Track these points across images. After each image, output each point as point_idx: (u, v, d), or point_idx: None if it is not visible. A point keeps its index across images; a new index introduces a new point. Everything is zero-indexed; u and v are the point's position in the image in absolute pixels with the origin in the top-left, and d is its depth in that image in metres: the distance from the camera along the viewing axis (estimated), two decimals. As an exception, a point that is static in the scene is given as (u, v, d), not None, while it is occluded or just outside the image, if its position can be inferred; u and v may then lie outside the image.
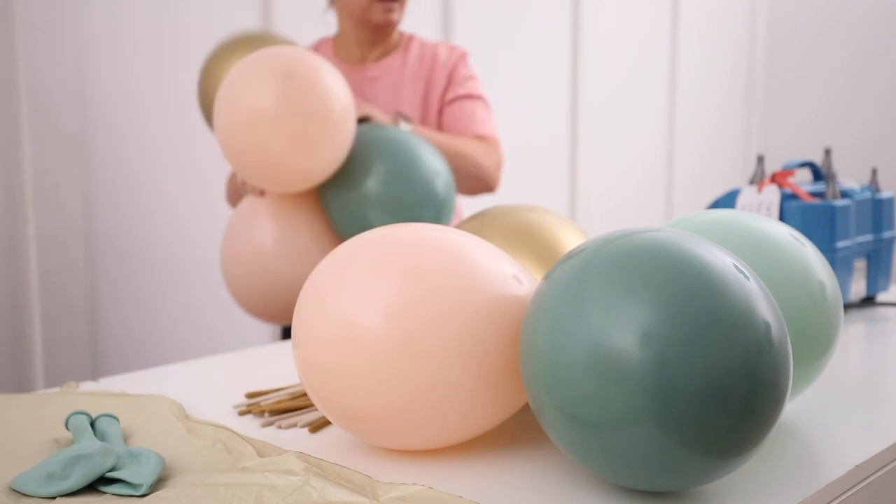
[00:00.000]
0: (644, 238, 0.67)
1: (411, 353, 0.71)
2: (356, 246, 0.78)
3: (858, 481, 0.76)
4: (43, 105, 1.79)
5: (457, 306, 0.72)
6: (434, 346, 0.71)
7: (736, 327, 0.62)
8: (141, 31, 1.94)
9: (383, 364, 0.72)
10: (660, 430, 0.62)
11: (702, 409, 0.61)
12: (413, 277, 0.73)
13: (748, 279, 0.66)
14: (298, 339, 0.77)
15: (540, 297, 0.70)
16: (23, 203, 1.78)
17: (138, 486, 0.68)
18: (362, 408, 0.74)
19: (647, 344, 0.61)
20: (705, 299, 0.63)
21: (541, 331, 0.67)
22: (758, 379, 0.62)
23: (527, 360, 0.70)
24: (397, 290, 0.72)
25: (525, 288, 0.77)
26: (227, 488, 0.68)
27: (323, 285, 0.76)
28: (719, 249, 0.67)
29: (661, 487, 0.67)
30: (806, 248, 0.84)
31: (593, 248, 0.69)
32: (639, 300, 0.63)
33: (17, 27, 1.73)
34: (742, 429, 0.63)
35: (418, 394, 0.72)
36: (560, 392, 0.65)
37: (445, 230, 0.80)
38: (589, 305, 0.64)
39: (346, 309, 0.73)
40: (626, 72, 3.23)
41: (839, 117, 3.61)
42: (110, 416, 0.82)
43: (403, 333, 0.71)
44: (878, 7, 3.56)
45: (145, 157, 1.97)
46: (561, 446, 0.69)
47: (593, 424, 0.64)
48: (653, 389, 0.61)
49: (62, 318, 1.84)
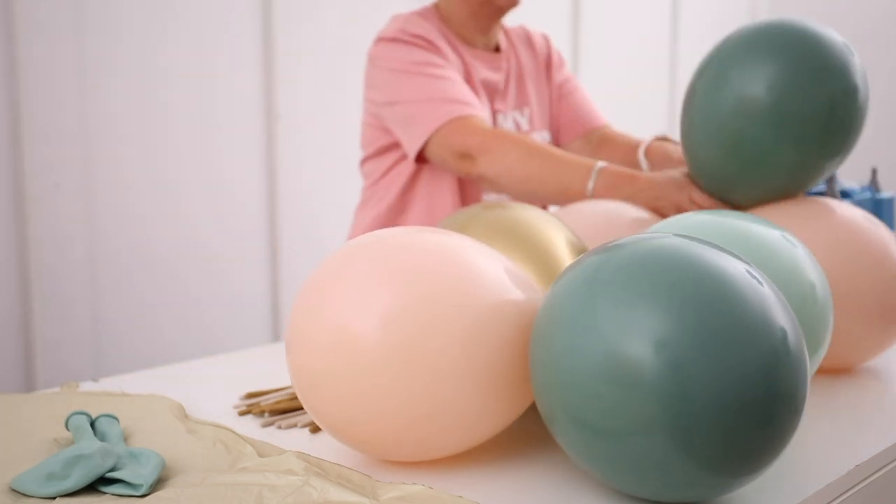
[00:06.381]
0: (656, 244, 0.66)
1: (409, 361, 0.69)
2: (352, 250, 0.75)
3: (858, 481, 0.76)
4: (43, 105, 1.78)
5: (457, 312, 0.70)
6: (434, 353, 0.69)
7: (753, 334, 0.60)
8: (141, 31, 1.93)
9: (380, 372, 0.69)
10: (672, 440, 0.60)
11: (718, 418, 0.59)
12: (412, 282, 0.71)
13: (762, 285, 0.64)
14: (292, 346, 0.74)
15: (551, 303, 0.68)
16: (23, 203, 1.77)
17: (138, 487, 0.68)
18: (358, 418, 0.72)
19: (661, 351, 0.60)
20: (720, 305, 0.61)
21: (553, 337, 0.66)
22: (776, 388, 0.61)
23: (538, 367, 0.68)
24: (395, 296, 0.70)
25: (526, 293, 0.75)
26: (227, 488, 0.68)
27: (318, 291, 0.74)
28: (731, 254, 0.66)
29: (672, 499, 0.66)
30: (797, 249, 0.83)
31: (604, 254, 0.67)
32: (652, 306, 0.61)
33: (17, 27, 1.73)
34: (759, 440, 0.61)
35: (416, 403, 0.70)
36: (572, 399, 0.64)
37: (444, 233, 0.78)
38: (602, 312, 0.63)
39: (342, 315, 0.71)
40: (626, 71, 3.23)
41: (839, 117, 3.60)
42: (110, 417, 0.82)
43: (401, 340, 0.69)
44: (878, 7, 3.56)
45: (145, 157, 1.97)
46: (572, 454, 0.68)
47: (606, 432, 0.63)
48: (666, 397, 0.60)
49: (62, 318, 1.84)
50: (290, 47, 2.17)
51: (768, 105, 1.00)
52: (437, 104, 1.35)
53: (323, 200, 2.25)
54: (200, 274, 2.07)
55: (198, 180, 2.05)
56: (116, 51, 1.90)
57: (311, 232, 2.24)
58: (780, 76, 1.00)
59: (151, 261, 1.99)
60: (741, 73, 1.02)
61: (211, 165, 2.08)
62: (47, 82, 1.79)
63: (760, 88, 1.00)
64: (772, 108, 1.00)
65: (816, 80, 1.00)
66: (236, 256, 2.14)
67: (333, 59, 2.25)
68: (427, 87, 1.37)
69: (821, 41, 1.01)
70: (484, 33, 1.48)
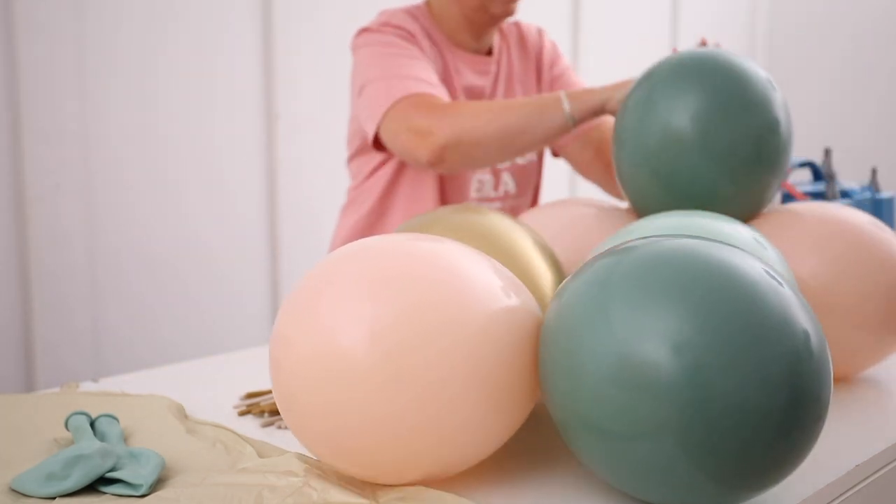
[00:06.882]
0: (671, 244, 0.64)
1: (402, 379, 0.64)
2: (338, 260, 0.71)
3: (858, 481, 0.76)
4: (43, 105, 1.78)
5: (452, 325, 0.65)
6: (427, 368, 0.64)
7: (775, 336, 0.58)
8: (141, 31, 1.93)
9: (371, 391, 0.64)
10: (689, 447, 0.58)
11: (738, 425, 0.57)
12: (402, 292, 0.66)
13: (782, 285, 0.61)
14: (277, 363, 0.69)
15: (562, 306, 0.67)
16: (23, 203, 1.77)
17: (138, 487, 0.68)
18: (348, 437, 0.66)
19: (678, 354, 0.58)
20: (739, 305, 0.58)
21: (565, 341, 0.64)
22: (800, 393, 0.58)
23: (549, 372, 0.67)
24: (385, 307, 0.65)
25: (522, 301, 0.72)
26: (227, 488, 0.68)
27: (302, 304, 0.69)
28: (748, 254, 0.64)
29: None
30: (767, 252, 0.81)
31: (616, 256, 0.66)
32: (668, 307, 0.59)
33: (17, 27, 1.73)
34: (782, 449, 0.59)
35: (410, 420, 0.65)
36: (585, 404, 0.62)
37: (433, 239, 0.74)
38: (616, 314, 0.61)
39: (330, 330, 0.66)
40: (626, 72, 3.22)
41: (839, 117, 3.61)
42: (110, 417, 0.82)
43: (393, 356, 0.64)
44: (878, 7, 3.56)
45: (145, 157, 1.97)
46: (586, 461, 0.67)
47: (621, 437, 0.61)
48: (684, 402, 0.57)
49: (62, 318, 1.84)
50: (289, 47, 2.17)
51: (696, 136, 0.99)
52: (393, 81, 1.26)
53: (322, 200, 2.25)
54: (200, 274, 2.07)
55: (197, 180, 2.05)
56: (116, 51, 1.90)
57: (310, 232, 2.24)
58: (706, 107, 0.99)
59: (151, 261, 2.00)
60: (668, 104, 1.01)
61: (211, 165, 2.08)
62: (47, 82, 1.79)
63: (686, 119, 0.99)
64: (699, 138, 0.98)
65: (741, 113, 0.98)
66: (236, 256, 2.14)
67: (333, 59, 2.25)
68: (389, 67, 1.29)
69: (745, 74, 1.00)
70: (476, 38, 1.43)
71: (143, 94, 1.95)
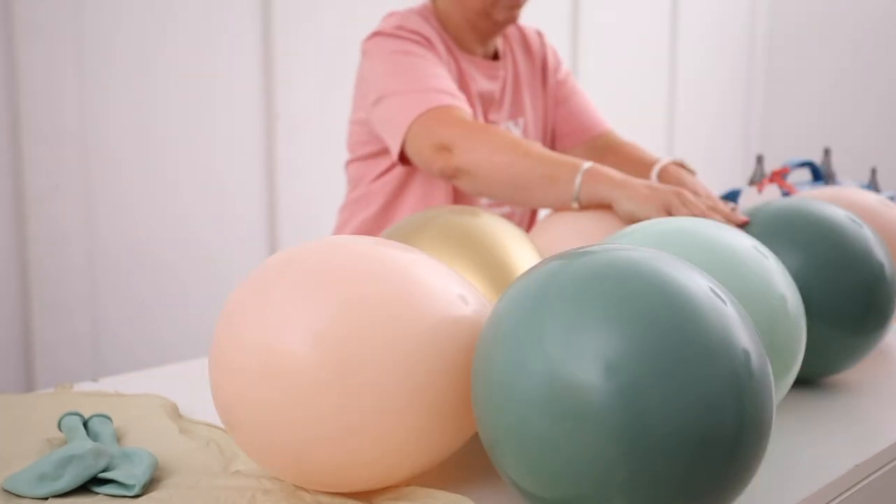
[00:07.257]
0: (608, 257, 0.61)
1: (345, 384, 0.61)
2: (281, 262, 0.68)
3: (858, 481, 0.76)
4: (43, 105, 1.78)
5: (398, 330, 0.63)
6: (371, 375, 0.62)
7: (713, 356, 0.55)
8: (140, 31, 1.93)
9: (313, 396, 0.62)
10: (625, 475, 0.54)
11: (676, 450, 0.54)
12: (348, 297, 0.63)
13: (726, 304, 0.59)
14: (214, 370, 0.67)
15: (494, 321, 0.62)
16: (23, 203, 1.77)
17: (131, 487, 0.68)
18: (288, 444, 0.64)
19: (611, 376, 0.54)
20: (675, 323, 0.55)
21: (495, 354, 0.60)
22: (743, 414, 0.55)
23: (479, 387, 0.62)
24: (329, 312, 0.62)
25: (474, 308, 0.68)
26: (220, 491, 0.68)
27: (242, 307, 0.66)
28: (693, 270, 0.61)
29: None
30: (768, 261, 0.78)
31: (553, 267, 0.62)
32: (603, 326, 0.55)
33: (16, 27, 1.73)
34: (726, 473, 0.56)
35: (353, 429, 0.62)
36: (513, 426, 0.58)
37: (382, 242, 0.71)
38: (547, 332, 0.57)
39: (270, 333, 0.63)
40: (626, 72, 3.23)
41: (839, 117, 3.60)
42: (103, 416, 0.81)
43: (335, 361, 0.61)
44: (878, 7, 3.56)
45: (144, 157, 1.97)
46: (514, 486, 0.63)
47: (551, 466, 0.57)
48: (618, 428, 0.53)
49: (62, 318, 1.84)
50: (289, 47, 2.17)
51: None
52: (417, 95, 1.26)
53: (322, 201, 2.25)
54: (199, 274, 2.07)
55: (197, 181, 2.05)
56: (116, 51, 1.90)
57: (310, 232, 2.24)
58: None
59: (151, 261, 1.99)
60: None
61: (210, 166, 2.08)
62: (47, 82, 1.79)
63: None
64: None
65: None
66: (235, 257, 2.14)
67: (332, 59, 2.25)
68: (411, 80, 1.29)
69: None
70: (482, 42, 1.42)
71: (143, 94, 1.95)
